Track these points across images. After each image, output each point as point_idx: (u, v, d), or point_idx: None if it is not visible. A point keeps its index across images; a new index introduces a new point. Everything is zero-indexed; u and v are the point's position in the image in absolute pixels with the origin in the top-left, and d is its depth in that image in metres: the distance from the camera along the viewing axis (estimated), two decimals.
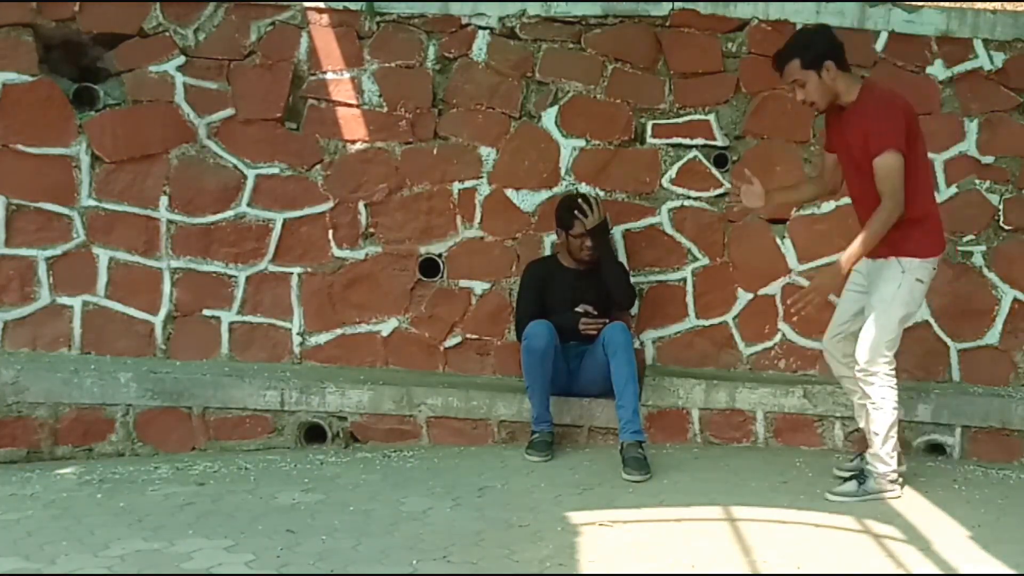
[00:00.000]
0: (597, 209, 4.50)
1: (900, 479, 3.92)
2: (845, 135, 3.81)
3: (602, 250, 4.55)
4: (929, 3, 4.94)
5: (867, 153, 3.69)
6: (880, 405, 3.82)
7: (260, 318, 4.85)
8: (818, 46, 3.74)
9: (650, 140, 4.87)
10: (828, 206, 4.85)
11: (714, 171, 4.87)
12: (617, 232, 4.88)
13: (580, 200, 4.48)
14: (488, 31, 4.83)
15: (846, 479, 3.91)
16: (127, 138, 4.75)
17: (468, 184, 4.86)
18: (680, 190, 4.87)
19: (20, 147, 4.69)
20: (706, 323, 4.89)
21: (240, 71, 4.80)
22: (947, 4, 5.00)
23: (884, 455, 3.83)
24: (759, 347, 4.88)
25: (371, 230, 4.87)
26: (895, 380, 3.86)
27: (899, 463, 3.94)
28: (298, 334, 4.86)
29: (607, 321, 4.36)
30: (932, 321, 4.84)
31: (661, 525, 3.46)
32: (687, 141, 4.85)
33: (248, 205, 4.82)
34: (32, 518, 3.39)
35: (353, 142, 4.85)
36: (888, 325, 3.78)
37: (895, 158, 3.62)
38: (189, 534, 3.23)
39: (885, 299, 3.77)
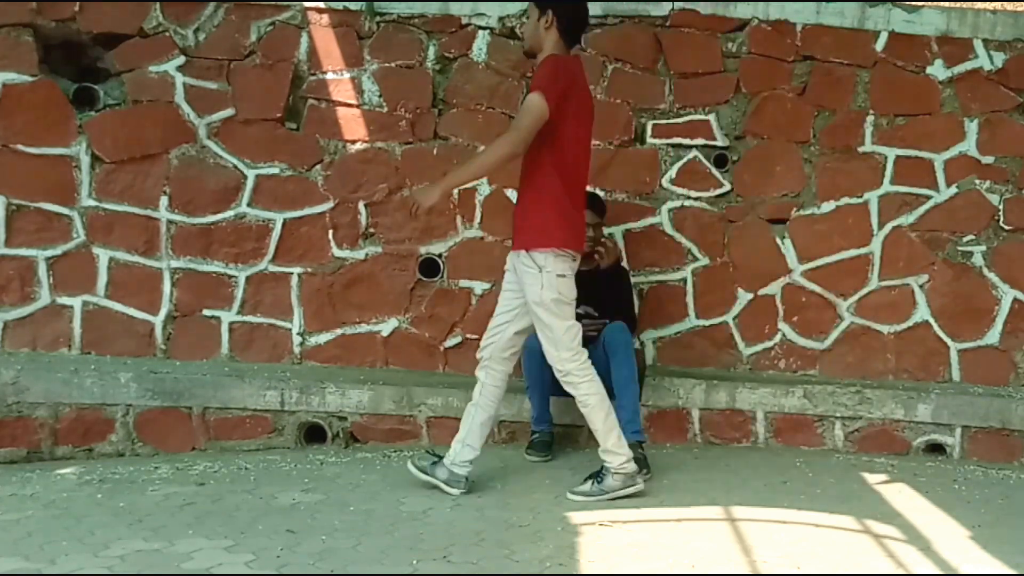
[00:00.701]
0: (613, 247, 4.50)
1: (644, 471, 3.82)
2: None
3: (618, 291, 4.58)
4: (929, 3, 4.95)
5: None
6: (588, 401, 3.70)
7: (260, 318, 4.85)
8: None
9: (650, 140, 4.88)
10: (828, 206, 4.86)
11: (714, 171, 4.88)
12: (617, 232, 4.88)
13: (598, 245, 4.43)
14: (488, 31, 4.83)
15: (584, 479, 3.75)
16: (127, 138, 4.75)
17: (468, 184, 4.86)
18: (680, 190, 4.88)
19: (20, 147, 4.69)
20: (706, 323, 4.90)
21: (240, 71, 4.80)
22: (947, 4, 5.00)
23: (612, 447, 3.69)
24: (759, 347, 4.88)
25: (371, 230, 4.87)
26: (591, 371, 3.71)
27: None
28: (298, 334, 4.86)
29: (607, 322, 4.36)
30: (932, 321, 4.84)
31: (661, 525, 3.45)
32: (687, 141, 4.86)
33: (248, 205, 4.82)
34: (32, 518, 3.39)
35: (353, 142, 4.85)
36: (553, 324, 3.66)
37: (537, 99, 3.51)
38: (189, 534, 3.23)
39: (536, 302, 3.65)
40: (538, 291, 3.64)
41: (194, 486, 3.83)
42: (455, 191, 4.83)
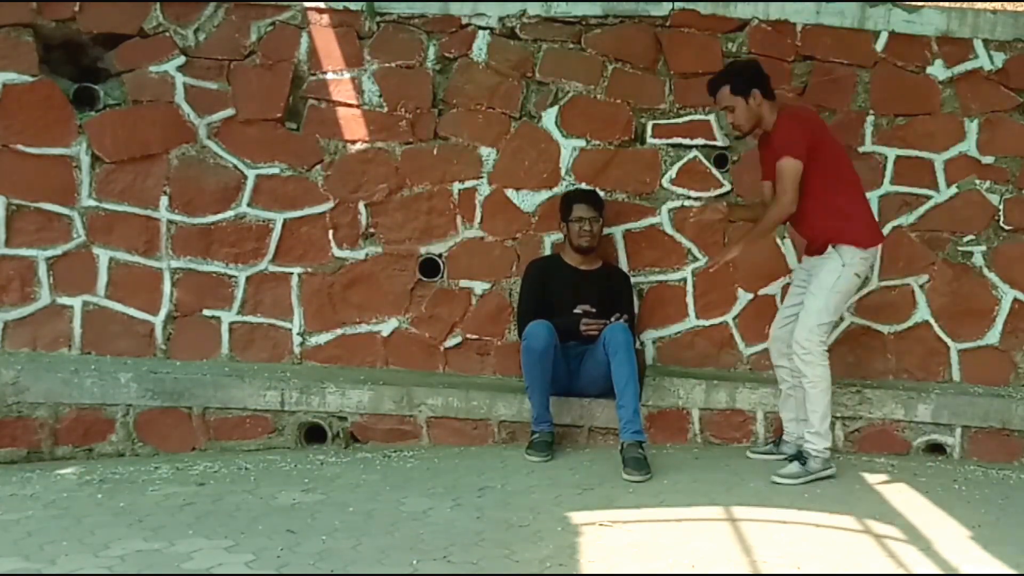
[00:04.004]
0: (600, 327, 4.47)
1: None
2: (768, 158, 4.19)
3: (618, 291, 4.66)
4: (929, 3, 4.95)
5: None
6: (816, 383, 4.05)
7: (260, 318, 4.85)
8: (747, 76, 4.14)
9: (650, 140, 4.88)
10: None
11: (714, 171, 4.88)
12: (617, 232, 4.88)
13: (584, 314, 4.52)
14: (488, 31, 4.83)
15: (788, 461, 4.13)
16: (127, 138, 4.75)
17: (468, 184, 4.87)
18: (680, 190, 4.88)
19: (20, 147, 4.69)
20: (706, 323, 4.90)
21: (240, 71, 4.80)
22: (947, 4, 5.00)
23: (824, 431, 4.06)
24: (759, 347, 4.88)
25: (371, 230, 4.87)
26: (828, 361, 4.08)
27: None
28: (298, 334, 4.87)
29: (608, 321, 4.36)
30: (932, 321, 4.84)
31: (661, 525, 3.45)
32: (687, 141, 4.86)
33: (248, 205, 4.83)
34: (32, 518, 3.39)
35: (353, 142, 4.85)
36: (826, 309, 4.05)
37: (791, 164, 3.98)
38: (189, 534, 3.23)
39: (825, 286, 4.05)
40: (834, 280, 4.03)
41: (194, 486, 3.83)
42: (455, 191, 4.86)
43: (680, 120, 4.87)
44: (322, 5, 4.81)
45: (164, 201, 4.78)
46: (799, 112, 4.22)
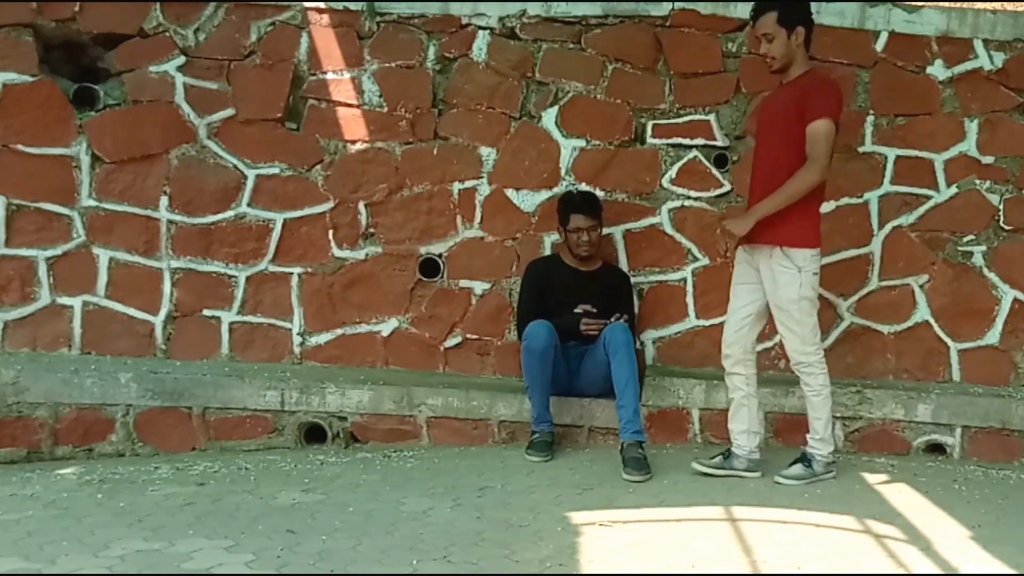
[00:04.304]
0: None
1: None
2: (776, 106, 3.95)
3: (618, 292, 4.65)
4: (929, 3, 4.94)
5: (799, 119, 3.81)
6: (820, 391, 4.00)
7: (260, 318, 4.85)
8: (797, 9, 3.91)
9: (650, 140, 4.88)
10: (828, 206, 4.84)
11: (714, 171, 4.87)
12: (617, 232, 4.88)
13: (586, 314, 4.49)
14: (488, 31, 4.83)
15: (791, 463, 4.04)
16: (127, 138, 4.75)
17: (468, 184, 4.86)
18: (680, 190, 4.87)
19: (20, 147, 4.69)
20: (706, 323, 4.89)
21: (240, 71, 4.80)
22: (947, 4, 5.00)
23: (827, 437, 4.03)
24: (759, 347, 4.85)
25: (371, 230, 4.87)
26: (826, 366, 4.03)
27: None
28: (298, 334, 4.87)
29: (608, 321, 4.36)
30: (932, 321, 4.84)
31: (661, 525, 3.45)
32: (687, 141, 4.86)
33: (248, 205, 4.83)
34: (32, 518, 3.39)
35: (353, 142, 4.85)
36: (800, 321, 3.91)
37: (830, 127, 3.79)
38: (189, 534, 3.23)
39: (791, 299, 3.89)
40: (796, 290, 3.87)
41: (194, 486, 3.83)
42: (455, 191, 4.86)
43: (680, 120, 4.86)
44: (322, 5, 4.81)
45: (164, 201, 4.78)
46: (836, 80, 4.05)
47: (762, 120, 4.07)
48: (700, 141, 4.86)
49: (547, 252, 4.84)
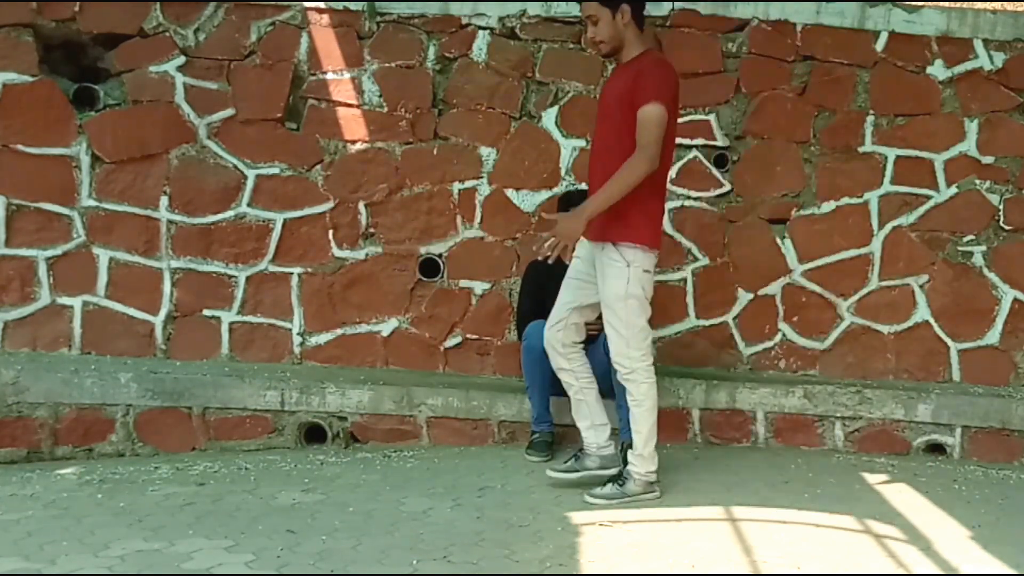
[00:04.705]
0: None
1: (658, 482, 3.82)
2: (610, 91, 3.72)
3: None
4: (929, 3, 4.95)
5: (630, 103, 3.56)
6: (641, 402, 3.75)
7: (260, 318, 4.85)
8: None
9: None
10: (828, 206, 4.86)
11: (714, 171, 4.88)
12: None
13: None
14: (488, 31, 4.83)
15: (605, 481, 3.75)
16: (127, 138, 4.75)
17: (468, 184, 4.87)
18: (680, 190, 4.87)
19: (20, 147, 4.69)
20: (706, 323, 4.90)
21: (240, 71, 4.80)
22: (947, 4, 5.00)
23: (647, 454, 3.74)
24: (759, 347, 4.88)
25: (371, 230, 4.87)
26: (654, 376, 3.78)
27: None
28: (298, 334, 4.86)
29: None
30: (932, 321, 4.84)
31: (661, 525, 3.45)
32: (687, 141, 4.85)
33: (248, 205, 4.82)
34: (32, 518, 3.39)
35: (353, 142, 4.85)
36: (627, 323, 3.68)
37: (661, 111, 3.52)
38: (189, 534, 3.23)
39: (617, 296, 3.66)
40: (624, 286, 3.65)
41: (194, 486, 3.83)
42: (455, 191, 4.85)
43: (680, 120, 4.85)
44: (322, 5, 4.81)
45: (164, 201, 4.78)
46: (670, 64, 3.74)
47: (600, 106, 3.80)
48: (700, 141, 4.86)
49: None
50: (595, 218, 3.58)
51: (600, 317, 4.41)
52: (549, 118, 4.86)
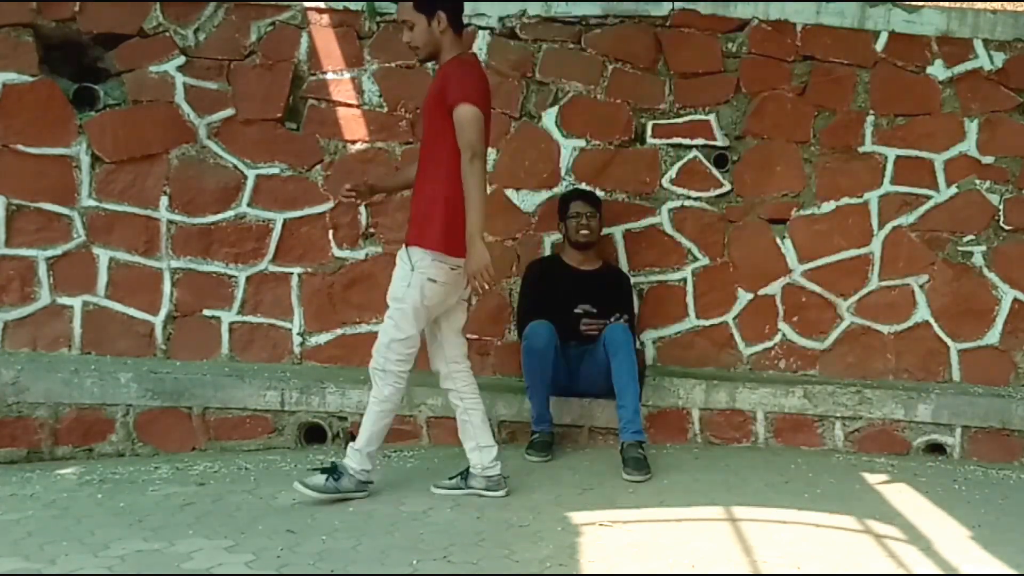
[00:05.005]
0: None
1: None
2: (428, 97, 3.68)
3: (618, 292, 4.63)
4: (929, 3, 4.95)
5: (441, 107, 3.54)
6: (381, 404, 3.66)
7: (260, 318, 4.85)
8: None
9: (650, 140, 4.88)
10: (828, 206, 4.86)
11: (714, 171, 4.88)
12: (617, 232, 4.88)
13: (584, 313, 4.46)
14: (488, 31, 4.83)
15: (321, 471, 3.66)
16: (127, 138, 4.75)
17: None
18: (680, 190, 4.88)
19: (20, 147, 4.69)
20: (706, 323, 4.90)
21: (240, 71, 4.80)
22: (947, 4, 5.00)
23: (364, 452, 3.64)
24: (759, 347, 4.88)
25: (371, 230, 4.87)
26: (403, 384, 3.67)
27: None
28: (298, 334, 4.86)
29: (608, 322, 4.35)
30: (932, 321, 4.84)
31: (661, 525, 3.45)
32: (687, 141, 4.86)
33: (248, 205, 4.82)
34: (32, 518, 3.39)
35: (353, 142, 4.85)
36: (400, 325, 3.59)
37: (472, 110, 3.47)
38: (189, 534, 3.23)
39: (396, 297, 3.61)
40: (403, 288, 3.59)
41: (194, 486, 3.83)
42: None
43: (680, 120, 4.87)
44: (322, 5, 4.81)
45: (164, 201, 4.78)
46: (477, 64, 3.73)
47: (422, 113, 3.77)
48: (700, 141, 4.86)
49: (547, 252, 4.84)
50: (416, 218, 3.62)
51: (597, 316, 4.44)
52: (549, 118, 4.86)
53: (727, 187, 4.87)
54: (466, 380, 3.80)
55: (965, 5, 5.01)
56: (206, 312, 4.82)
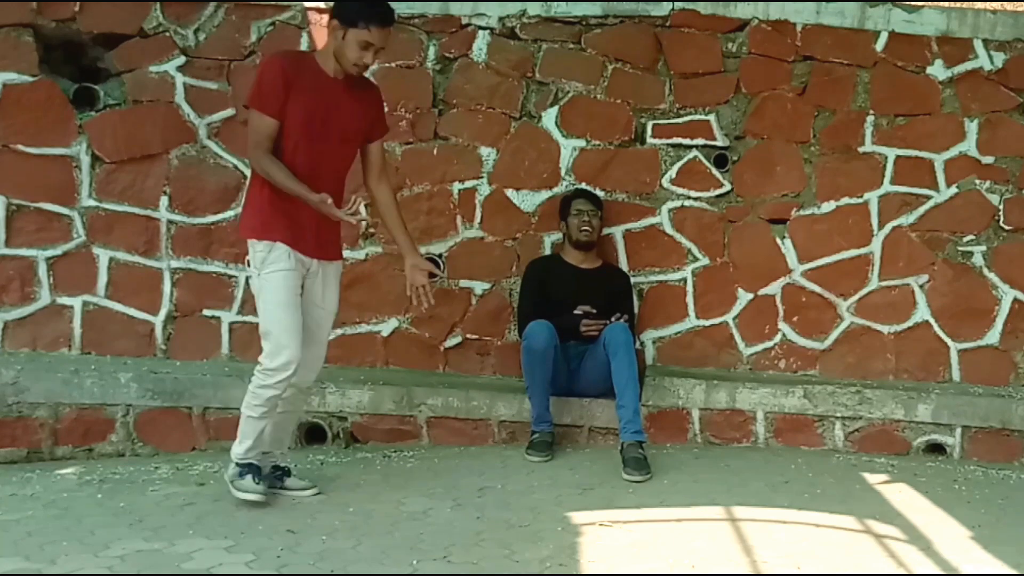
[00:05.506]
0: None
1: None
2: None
3: (618, 291, 4.63)
4: (929, 3, 4.94)
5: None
6: (248, 405, 3.52)
7: None
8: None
9: (650, 140, 4.88)
10: (828, 206, 4.86)
11: (714, 171, 4.88)
12: (617, 232, 4.88)
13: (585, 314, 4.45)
14: (488, 31, 4.83)
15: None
16: (127, 138, 4.75)
17: (468, 184, 4.86)
18: (680, 190, 4.88)
19: (20, 147, 4.69)
20: (706, 323, 4.90)
21: (240, 71, 4.80)
22: (947, 4, 5.00)
23: (237, 455, 3.55)
24: (759, 347, 4.88)
25: (371, 230, 4.87)
26: (272, 391, 3.46)
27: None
28: None
29: (608, 322, 4.36)
30: (932, 321, 4.84)
31: (661, 525, 3.45)
32: (687, 141, 4.86)
33: None
34: (32, 518, 3.39)
35: None
36: (262, 321, 3.49)
37: (252, 115, 3.46)
38: (189, 534, 3.23)
39: (254, 290, 3.56)
40: (256, 285, 3.55)
41: (194, 486, 3.83)
42: (455, 191, 4.85)
43: (680, 120, 4.87)
44: (322, 5, 4.80)
45: (164, 201, 4.78)
46: (274, 56, 3.68)
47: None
48: (700, 141, 4.86)
49: (547, 252, 4.84)
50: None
51: (596, 316, 4.44)
52: (549, 118, 4.86)
53: (727, 187, 4.87)
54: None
55: (965, 5, 5.01)
56: (206, 312, 4.82)
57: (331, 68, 3.54)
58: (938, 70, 4.81)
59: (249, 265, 3.55)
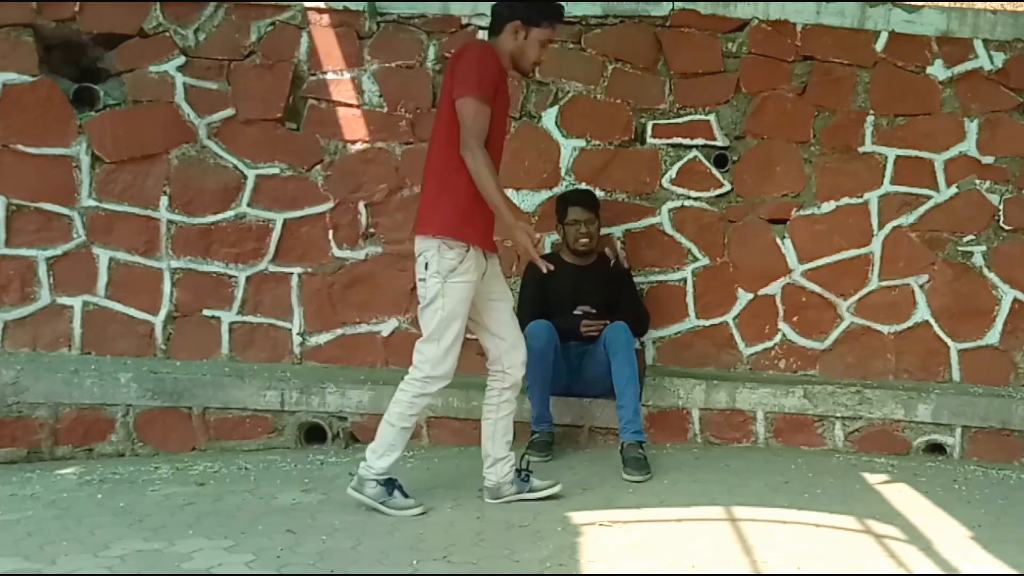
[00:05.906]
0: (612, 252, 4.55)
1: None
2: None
3: (620, 289, 4.61)
4: (929, 3, 4.95)
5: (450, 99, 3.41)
6: (400, 416, 3.50)
7: (260, 318, 4.85)
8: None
9: (650, 140, 4.88)
10: (828, 206, 4.86)
11: (714, 171, 4.88)
12: (617, 232, 4.88)
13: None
14: (488, 31, 4.82)
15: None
16: (127, 138, 4.75)
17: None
18: (680, 190, 4.88)
19: (20, 147, 4.69)
20: (706, 323, 4.90)
21: (240, 71, 4.80)
22: (947, 4, 5.00)
23: (380, 470, 3.47)
24: (759, 347, 4.88)
25: (371, 230, 4.87)
26: (426, 397, 3.55)
27: None
28: (298, 334, 4.86)
29: (608, 322, 4.35)
30: (932, 321, 4.84)
31: (661, 525, 3.45)
32: (687, 141, 4.86)
33: (248, 205, 4.82)
34: (32, 518, 3.39)
35: (353, 142, 4.85)
36: (434, 327, 3.47)
37: (470, 105, 3.35)
38: (189, 534, 3.23)
39: (428, 292, 3.48)
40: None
41: (194, 486, 3.83)
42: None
43: (680, 120, 4.87)
44: (322, 5, 4.81)
45: (164, 201, 4.78)
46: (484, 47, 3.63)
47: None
48: (700, 141, 4.86)
49: (547, 252, 4.83)
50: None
51: (597, 316, 4.43)
52: (549, 118, 4.86)
53: (727, 187, 4.87)
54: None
55: (965, 5, 5.01)
56: (206, 312, 4.83)
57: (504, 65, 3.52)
58: (938, 70, 4.81)
59: (425, 266, 3.47)
